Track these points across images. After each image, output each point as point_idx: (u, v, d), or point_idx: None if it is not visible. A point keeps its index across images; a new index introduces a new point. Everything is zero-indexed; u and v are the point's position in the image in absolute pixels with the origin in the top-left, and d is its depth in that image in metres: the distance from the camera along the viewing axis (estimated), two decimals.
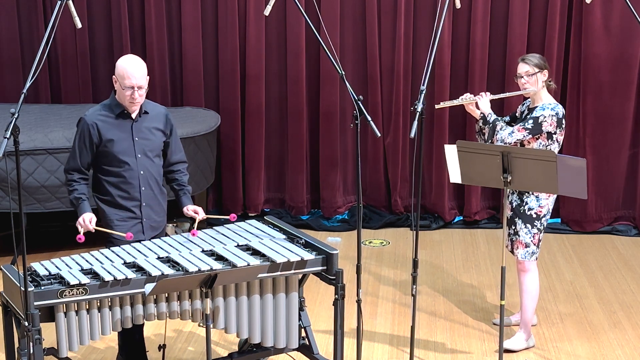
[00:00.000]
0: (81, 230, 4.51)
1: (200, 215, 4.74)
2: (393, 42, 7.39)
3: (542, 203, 5.11)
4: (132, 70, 4.48)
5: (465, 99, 5.29)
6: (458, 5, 5.30)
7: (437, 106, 5.40)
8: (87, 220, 4.53)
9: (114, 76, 4.55)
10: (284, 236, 4.73)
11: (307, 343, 4.80)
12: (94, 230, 4.51)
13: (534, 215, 5.12)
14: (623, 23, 7.12)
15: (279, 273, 4.43)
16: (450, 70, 7.39)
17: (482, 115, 5.27)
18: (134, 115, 4.62)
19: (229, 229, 4.80)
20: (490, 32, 7.32)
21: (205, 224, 7.13)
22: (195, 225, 4.71)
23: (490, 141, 5.16)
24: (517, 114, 5.36)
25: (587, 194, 5.15)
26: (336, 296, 4.50)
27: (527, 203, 5.12)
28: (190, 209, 4.78)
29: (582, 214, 7.47)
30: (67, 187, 4.66)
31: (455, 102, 5.34)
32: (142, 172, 4.65)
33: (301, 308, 4.74)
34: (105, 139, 4.58)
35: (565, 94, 7.35)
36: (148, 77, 4.58)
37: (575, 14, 7.20)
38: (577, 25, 7.20)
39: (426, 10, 7.34)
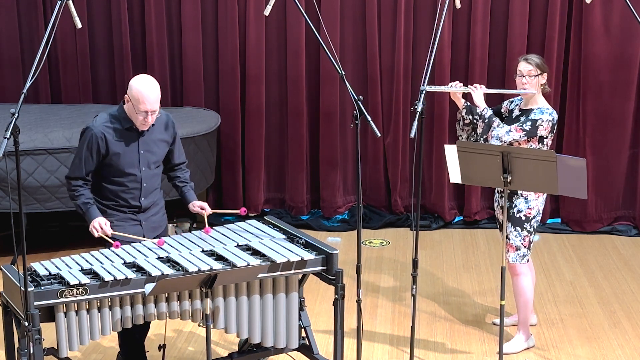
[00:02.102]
0: (97, 235, 4.50)
1: (208, 211, 4.74)
2: (393, 42, 7.39)
3: (531, 205, 5.09)
4: (147, 95, 4.44)
5: (455, 87, 5.23)
6: (458, 5, 5.30)
7: (428, 89, 5.25)
8: (103, 224, 4.51)
9: (126, 95, 4.51)
10: (284, 236, 4.73)
11: (307, 343, 4.80)
12: (110, 235, 4.50)
13: (523, 218, 5.10)
14: (623, 23, 7.12)
15: (279, 273, 4.43)
16: (450, 70, 7.38)
17: (466, 105, 5.22)
18: (141, 130, 4.62)
19: (229, 229, 4.80)
20: (490, 32, 7.32)
21: (205, 224, 7.14)
22: (206, 221, 4.71)
23: (484, 137, 5.13)
24: (502, 109, 5.33)
25: (587, 194, 5.15)
26: (336, 296, 4.51)
27: (515, 205, 5.10)
28: (196, 205, 4.78)
29: (582, 214, 7.47)
30: (72, 192, 4.61)
31: (444, 89, 5.29)
32: (145, 184, 4.66)
33: (301, 308, 4.74)
34: (112, 152, 4.56)
35: (565, 94, 7.35)
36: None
37: (575, 13, 7.20)
38: (577, 25, 7.20)
39: (426, 10, 7.34)
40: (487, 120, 5.11)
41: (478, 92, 5.18)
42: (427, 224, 7.57)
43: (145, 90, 4.45)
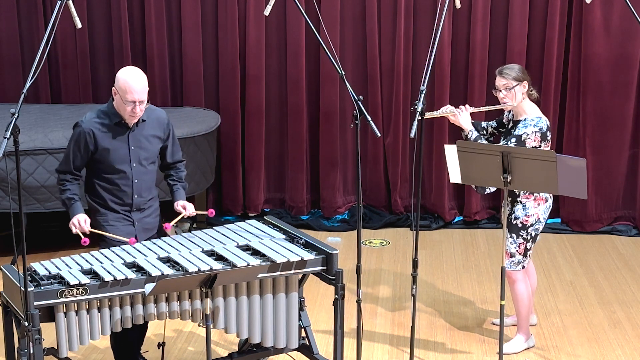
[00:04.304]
0: (75, 231, 4.51)
1: (188, 211, 4.74)
2: (393, 42, 7.39)
3: (528, 212, 5.07)
4: (134, 85, 4.45)
5: (446, 111, 5.21)
6: (458, 5, 5.30)
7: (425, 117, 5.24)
8: (82, 222, 4.53)
9: (113, 88, 4.52)
10: (284, 236, 4.73)
11: (307, 343, 4.81)
12: (88, 232, 4.51)
13: (520, 225, 5.08)
14: (623, 23, 7.12)
15: (279, 273, 4.43)
16: (450, 70, 7.38)
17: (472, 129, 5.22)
18: (131, 124, 4.61)
19: (229, 229, 4.80)
20: (490, 32, 7.32)
21: (206, 224, 7.15)
22: (177, 219, 4.71)
23: None
24: (504, 120, 5.32)
25: (587, 194, 5.14)
26: (336, 296, 4.51)
27: (514, 212, 5.10)
28: (179, 204, 4.78)
29: (582, 214, 7.47)
30: (59, 186, 4.66)
31: (436, 114, 5.24)
32: (136, 181, 4.65)
33: (301, 308, 4.74)
34: (101, 148, 4.56)
35: (565, 94, 7.35)
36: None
37: (575, 13, 7.20)
38: (577, 25, 7.20)
39: (426, 10, 7.34)
40: (472, 142, 5.08)
41: (464, 114, 5.16)
42: (427, 224, 7.57)
43: (131, 80, 4.46)
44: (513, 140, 4.97)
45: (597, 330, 5.60)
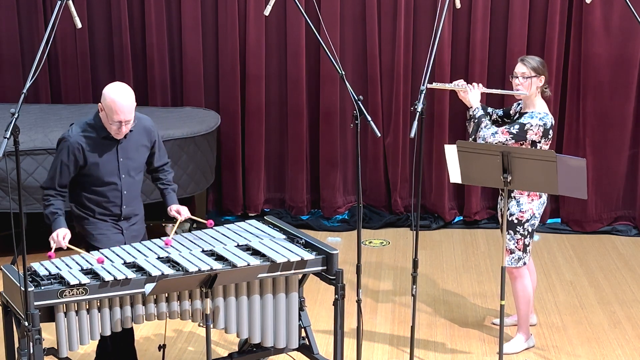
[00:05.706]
0: (53, 246, 4.45)
1: (183, 215, 4.72)
2: (393, 42, 7.39)
3: (523, 208, 5.07)
4: (121, 105, 4.36)
5: (458, 85, 5.21)
6: (458, 5, 5.30)
7: (429, 85, 5.23)
8: (61, 236, 4.47)
9: (100, 104, 4.44)
10: (284, 236, 4.73)
11: (307, 343, 4.81)
12: (65, 248, 4.44)
13: (515, 221, 5.08)
14: (623, 23, 7.12)
15: (279, 273, 4.43)
16: (450, 70, 7.38)
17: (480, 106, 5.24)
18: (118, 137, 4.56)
19: (229, 229, 4.80)
20: (490, 32, 7.32)
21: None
22: (175, 228, 4.69)
23: (473, 136, 5.12)
24: (510, 112, 5.33)
25: (587, 194, 5.14)
26: (336, 296, 4.51)
27: (508, 208, 5.10)
28: (173, 209, 4.76)
29: (582, 214, 7.47)
30: (43, 202, 4.59)
31: (447, 86, 5.27)
32: (125, 192, 4.62)
33: (301, 308, 4.74)
34: (91, 162, 4.51)
35: (565, 94, 7.35)
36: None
37: (575, 13, 7.20)
38: (577, 25, 7.20)
39: (426, 10, 7.34)
40: (476, 120, 5.10)
41: (475, 92, 5.17)
42: (427, 224, 7.57)
43: (119, 99, 4.37)
44: (516, 127, 4.98)
45: (597, 330, 5.61)
